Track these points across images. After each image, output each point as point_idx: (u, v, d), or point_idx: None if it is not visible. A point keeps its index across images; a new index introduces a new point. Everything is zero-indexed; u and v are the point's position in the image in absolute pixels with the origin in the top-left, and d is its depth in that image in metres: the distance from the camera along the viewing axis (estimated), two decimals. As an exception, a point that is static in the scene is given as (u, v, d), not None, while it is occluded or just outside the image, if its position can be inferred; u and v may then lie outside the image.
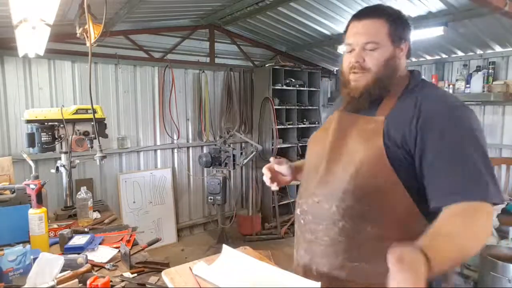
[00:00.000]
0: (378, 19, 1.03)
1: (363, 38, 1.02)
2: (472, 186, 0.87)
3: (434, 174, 0.91)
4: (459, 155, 0.90)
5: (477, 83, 3.62)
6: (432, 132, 0.92)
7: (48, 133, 2.03)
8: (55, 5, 1.29)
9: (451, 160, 0.89)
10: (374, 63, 1.02)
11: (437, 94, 1.02)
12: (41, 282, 1.14)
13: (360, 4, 3.15)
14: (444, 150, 0.91)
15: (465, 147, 0.90)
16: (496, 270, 2.45)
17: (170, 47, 4.12)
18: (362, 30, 1.03)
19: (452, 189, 0.88)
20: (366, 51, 1.03)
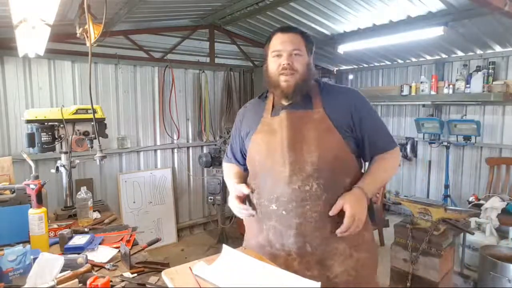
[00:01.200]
0: (298, 34, 1.34)
1: (291, 46, 1.31)
2: (389, 141, 1.43)
3: (371, 137, 1.37)
4: (377, 122, 1.43)
5: (477, 83, 3.62)
6: (363, 116, 1.36)
7: (48, 133, 2.03)
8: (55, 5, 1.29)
9: (376, 127, 1.41)
10: (300, 66, 1.32)
11: (347, 88, 1.51)
12: (41, 282, 1.13)
13: (360, 4, 3.15)
14: (371, 121, 1.39)
15: (376, 117, 1.44)
16: (496, 270, 2.45)
17: (170, 47, 4.12)
18: (289, 40, 1.32)
19: (382, 144, 1.40)
20: (292, 57, 1.31)
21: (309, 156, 1.28)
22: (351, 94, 1.42)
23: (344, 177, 1.32)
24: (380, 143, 1.39)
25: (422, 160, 4.56)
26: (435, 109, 4.26)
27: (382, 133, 1.41)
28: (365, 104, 1.40)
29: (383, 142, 1.40)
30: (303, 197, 1.27)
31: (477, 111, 3.92)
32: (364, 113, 1.37)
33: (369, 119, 1.38)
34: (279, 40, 1.34)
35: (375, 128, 1.39)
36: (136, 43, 3.85)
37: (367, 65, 5.06)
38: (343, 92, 1.42)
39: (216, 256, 1.25)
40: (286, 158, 1.30)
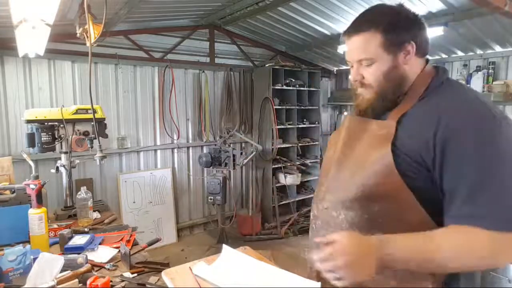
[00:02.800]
0: (367, 32, 0.94)
1: (355, 56, 0.98)
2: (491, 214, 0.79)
3: (454, 196, 0.84)
4: (481, 179, 0.81)
5: (477, 83, 3.62)
6: (455, 149, 0.83)
7: (48, 133, 2.03)
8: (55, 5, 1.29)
9: (479, 176, 0.81)
10: (373, 78, 0.96)
11: (462, 100, 0.88)
12: (41, 282, 1.13)
13: (360, 3, 3.15)
14: (467, 172, 0.82)
15: (489, 169, 0.80)
16: (496, 270, 2.45)
17: (170, 47, 4.12)
18: (353, 47, 0.98)
19: (468, 213, 0.81)
20: (363, 67, 0.97)
21: (347, 179, 0.97)
22: (451, 105, 0.87)
23: (386, 226, 0.89)
24: (472, 207, 0.81)
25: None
26: (435, 109, 4.26)
27: (485, 193, 0.80)
28: (467, 128, 0.82)
29: (478, 208, 0.80)
30: (328, 221, 1.01)
31: (477, 111, 3.92)
32: (455, 143, 0.82)
33: (463, 156, 0.82)
34: (346, 48, 1.02)
35: (473, 174, 0.81)
36: (136, 43, 3.85)
37: (367, 65, 5.05)
38: (444, 100, 0.89)
39: (216, 256, 1.26)
40: (329, 171, 1.05)
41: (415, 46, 0.94)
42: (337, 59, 5.02)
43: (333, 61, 5.19)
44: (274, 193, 4.55)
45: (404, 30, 0.93)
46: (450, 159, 0.83)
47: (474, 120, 0.83)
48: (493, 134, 0.82)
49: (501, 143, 0.81)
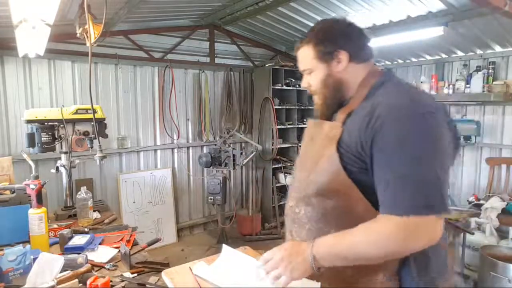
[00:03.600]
0: (306, 46, 1.09)
1: (300, 67, 1.13)
2: (405, 200, 0.85)
3: (378, 184, 0.91)
4: (402, 163, 0.86)
5: (477, 83, 3.62)
6: (379, 142, 0.89)
7: (48, 133, 2.03)
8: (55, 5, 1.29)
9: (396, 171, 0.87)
10: (315, 85, 1.10)
11: (394, 96, 0.94)
12: (41, 282, 1.13)
13: (360, 4, 3.15)
14: (382, 158, 0.89)
15: (398, 156, 0.87)
16: (496, 270, 2.45)
17: (170, 47, 4.12)
18: (298, 59, 1.14)
19: (389, 201, 0.88)
20: (308, 76, 1.12)
21: (305, 178, 1.06)
22: (383, 102, 0.92)
23: (338, 219, 0.98)
24: (385, 196, 0.89)
25: (422, 160, 4.55)
26: (435, 109, 4.26)
27: (397, 181, 0.86)
28: (391, 122, 0.88)
29: (389, 196, 0.88)
30: (293, 217, 1.11)
31: (477, 111, 3.92)
32: (380, 138, 0.88)
33: (383, 150, 0.88)
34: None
35: (387, 168, 0.88)
36: (136, 43, 3.85)
37: (367, 65, 5.06)
38: (379, 97, 0.96)
39: (216, 256, 1.25)
40: (296, 171, 1.17)
41: (348, 54, 1.04)
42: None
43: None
44: (274, 193, 4.55)
45: (331, 42, 1.05)
46: (376, 152, 0.90)
47: (403, 112, 0.89)
48: (418, 128, 0.87)
49: (426, 135, 0.87)
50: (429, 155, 0.87)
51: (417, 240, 0.87)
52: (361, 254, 0.91)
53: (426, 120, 0.88)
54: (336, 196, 0.98)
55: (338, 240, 0.93)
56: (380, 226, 0.88)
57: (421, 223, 0.85)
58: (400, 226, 0.85)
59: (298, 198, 1.09)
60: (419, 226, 0.85)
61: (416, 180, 0.85)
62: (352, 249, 0.91)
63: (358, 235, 0.90)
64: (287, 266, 0.95)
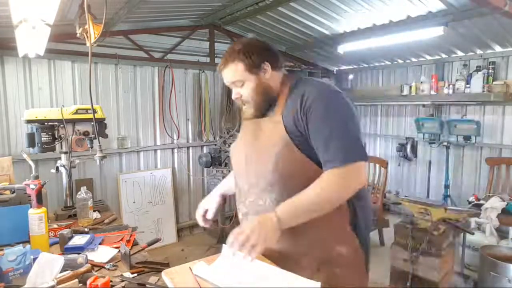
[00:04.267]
0: (233, 63, 1.23)
1: (230, 80, 1.27)
2: (337, 153, 1.11)
3: (318, 149, 1.15)
4: (328, 126, 1.13)
5: (477, 83, 3.62)
6: (312, 115, 1.14)
7: (48, 133, 2.03)
8: (55, 5, 1.29)
9: (325, 133, 1.13)
10: (247, 95, 1.26)
11: (315, 84, 1.24)
12: (41, 282, 1.13)
13: (360, 4, 3.15)
14: (319, 125, 1.14)
15: (332, 118, 1.14)
16: (496, 270, 2.45)
17: (170, 47, 4.12)
18: (227, 74, 1.27)
19: (327, 157, 1.12)
20: (238, 88, 1.27)
21: (263, 169, 1.21)
22: (307, 89, 1.19)
23: (302, 189, 1.14)
24: (326, 155, 1.13)
25: (422, 160, 4.56)
26: (435, 109, 4.26)
27: (332, 142, 1.11)
28: (317, 101, 1.15)
29: (329, 154, 1.12)
30: (257, 210, 1.23)
31: (477, 111, 3.92)
32: (312, 114, 1.14)
33: (316, 121, 1.14)
34: (223, 77, 1.31)
35: (322, 134, 1.13)
36: (136, 43, 3.85)
37: (367, 65, 5.06)
38: (303, 88, 1.21)
39: (216, 256, 1.26)
40: (244, 170, 1.30)
41: (270, 64, 1.25)
42: (337, 59, 5.02)
43: (333, 61, 5.19)
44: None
45: (258, 56, 1.24)
46: (311, 124, 1.15)
47: (324, 93, 1.18)
48: (337, 102, 1.18)
49: (343, 107, 1.17)
50: (350, 118, 1.16)
51: (353, 182, 1.13)
52: (315, 204, 1.11)
53: (342, 95, 1.19)
54: (298, 172, 1.17)
55: (295, 198, 1.12)
56: (325, 179, 1.11)
57: (354, 169, 1.11)
58: (340, 174, 1.10)
59: (259, 191, 1.24)
60: (353, 171, 1.11)
61: (345, 138, 1.12)
62: (307, 201, 1.11)
63: (310, 190, 1.11)
64: (259, 234, 1.06)
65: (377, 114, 5.10)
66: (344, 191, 1.13)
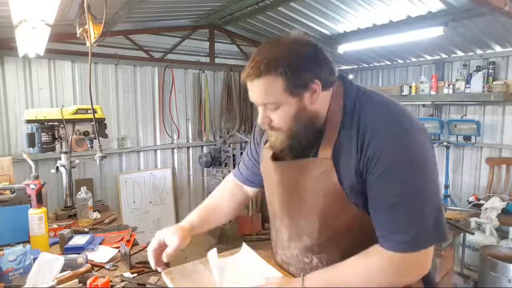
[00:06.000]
0: (267, 75, 0.86)
1: (260, 100, 0.91)
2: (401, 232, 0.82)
3: (375, 213, 0.87)
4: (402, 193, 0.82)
5: (477, 83, 3.61)
6: (376, 167, 0.83)
7: (48, 133, 2.03)
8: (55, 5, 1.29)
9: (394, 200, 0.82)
10: (282, 122, 0.90)
11: (378, 116, 0.86)
12: (41, 282, 1.13)
13: (360, 4, 3.15)
14: (388, 187, 0.83)
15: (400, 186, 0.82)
16: (496, 270, 2.45)
17: (170, 47, 4.12)
18: (256, 90, 0.89)
19: (384, 232, 0.85)
20: (269, 110, 0.91)
21: (307, 224, 0.96)
22: (369, 122, 0.85)
23: (353, 246, 0.91)
24: (384, 228, 0.84)
25: (422, 160, 4.55)
26: (435, 109, 4.26)
27: (397, 213, 0.82)
28: (387, 147, 0.82)
29: (389, 229, 0.83)
30: (302, 267, 1.01)
31: (477, 111, 3.92)
32: (380, 170, 0.82)
33: (385, 182, 0.82)
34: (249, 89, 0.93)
35: (388, 201, 0.82)
36: (136, 43, 3.85)
37: (367, 65, 5.06)
38: (363, 116, 0.87)
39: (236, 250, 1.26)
40: (282, 218, 1.04)
41: (321, 83, 0.88)
42: (337, 59, 5.01)
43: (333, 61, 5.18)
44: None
45: (306, 70, 0.86)
46: (370, 182, 0.85)
47: (397, 133, 0.82)
48: (417, 152, 0.82)
49: (424, 159, 0.83)
50: (433, 180, 0.84)
51: (409, 274, 0.85)
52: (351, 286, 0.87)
53: (424, 136, 0.85)
54: (354, 229, 0.91)
55: (330, 276, 0.89)
56: (372, 261, 0.85)
57: (422, 256, 0.83)
58: (393, 261, 0.83)
59: (303, 248, 0.99)
60: (420, 258, 0.83)
61: (422, 211, 0.81)
62: (344, 284, 0.87)
63: (350, 270, 0.87)
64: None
65: (377, 114, 5.09)
66: (397, 281, 0.85)
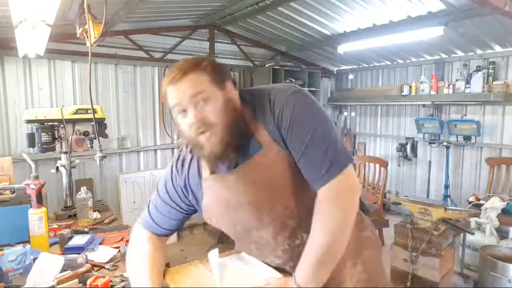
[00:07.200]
0: (194, 72, 0.94)
1: (189, 94, 0.92)
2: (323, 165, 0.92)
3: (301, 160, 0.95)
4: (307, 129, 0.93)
5: (477, 83, 3.62)
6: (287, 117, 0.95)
7: (48, 133, 2.03)
8: (55, 5, 1.29)
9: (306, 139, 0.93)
10: (214, 116, 0.93)
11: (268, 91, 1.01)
12: (41, 282, 1.13)
13: (360, 4, 3.15)
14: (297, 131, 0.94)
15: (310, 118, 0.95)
16: (496, 270, 2.45)
17: (170, 47, 4.12)
18: (184, 87, 0.93)
19: (314, 174, 0.94)
20: (199, 107, 0.93)
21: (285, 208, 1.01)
22: (274, 94, 0.99)
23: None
24: (311, 171, 0.95)
25: (422, 160, 4.56)
26: (435, 109, 4.26)
27: (314, 151, 0.93)
28: (291, 104, 0.95)
29: (315, 168, 0.94)
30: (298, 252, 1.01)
31: (477, 111, 3.92)
32: (288, 120, 0.94)
33: (294, 137, 0.94)
34: (174, 93, 0.94)
35: (304, 149, 0.93)
36: (136, 43, 3.85)
37: (367, 65, 5.06)
38: (268, 96, 0.99)
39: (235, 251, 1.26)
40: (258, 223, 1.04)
41: (232, 83, 1.02)
42: (337, 59, 5.02)
43: (333, 61, 5.19)
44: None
45: (222, 71, 1.01)
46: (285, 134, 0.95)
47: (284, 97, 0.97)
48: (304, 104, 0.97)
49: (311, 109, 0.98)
50: (325, 119, 0.98)
51: (347, 195, 0.95)
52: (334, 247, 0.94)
53: (306, 94, 0.99)
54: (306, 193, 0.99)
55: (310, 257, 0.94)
56: (320, 210, 0.94)
57: (341, 180, 0.92)
58: (331, 192, 0.93)
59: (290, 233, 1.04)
60: (341, 182, 0.93)
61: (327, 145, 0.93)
62: (326, 253, 0.93)
63: (318, 236, 0.93)
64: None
65: (377, 114, 5.10)
66: (345, 205, 0.95)
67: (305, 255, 0.95)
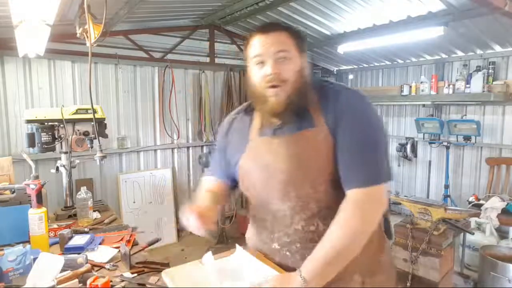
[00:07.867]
0: (283, 31, 1.03)
1: (274, 47, 1.00)
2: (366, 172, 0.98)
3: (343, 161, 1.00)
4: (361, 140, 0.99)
5: (477, 83, 3.62)
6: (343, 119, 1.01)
7: (48, 133, 2.03)
8: (55, 5, 1.29)
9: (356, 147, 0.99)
10: (290, 73, 1.01)
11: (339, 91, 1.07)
12: (41, 282, 1.13)
13: (360, 4, 3.15)
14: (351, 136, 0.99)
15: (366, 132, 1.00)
16: (496, 270, 2.45)
17: (170, 47, 4.12)
18: (271, 40, 1.01)
19: (346, 173, 0.99)
20: (279, 63, 1.01)
21: (313, 191, 1.03)
22: (342, 95, 1.04)
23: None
24: (350, 170, 0.99)
25: (422, 160, 4.56)
26: (435, 109, 4.26)
27: (363, 154, 0.99)
28: (353, 108, 1.01)
29: (355, 169, 0.98)
30: (308, 237, 1.06)
31: (477, 111, 3.92)
32: (344, 122, 1.00)
33: (349, 133, 0.99)
34: (259, 42, 1.02)
35: (352, 148, 0.99)
36: (136, 43, 3.85)
37: (367, 65, 5.06)
38: (338, 94, 1.05)
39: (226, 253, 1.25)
40: (283, 194, 1.06)
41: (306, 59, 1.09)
42: (337, 59, 5.02)
43: (333, 61, 5.19)
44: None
45: (304, 43, 1.08)
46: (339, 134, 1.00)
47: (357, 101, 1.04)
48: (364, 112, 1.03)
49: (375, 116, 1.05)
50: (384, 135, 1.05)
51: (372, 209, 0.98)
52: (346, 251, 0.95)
53: (371, 104, 1.05)
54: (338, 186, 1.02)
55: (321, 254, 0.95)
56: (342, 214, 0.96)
57: (371, 192, 0.96)
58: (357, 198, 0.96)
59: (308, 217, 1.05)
60: (370, 195, 0.97)
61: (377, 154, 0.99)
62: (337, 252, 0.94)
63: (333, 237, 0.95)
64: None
65: (377, 114, 5.09)
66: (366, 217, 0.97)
67: (317, 250, 0.96)
